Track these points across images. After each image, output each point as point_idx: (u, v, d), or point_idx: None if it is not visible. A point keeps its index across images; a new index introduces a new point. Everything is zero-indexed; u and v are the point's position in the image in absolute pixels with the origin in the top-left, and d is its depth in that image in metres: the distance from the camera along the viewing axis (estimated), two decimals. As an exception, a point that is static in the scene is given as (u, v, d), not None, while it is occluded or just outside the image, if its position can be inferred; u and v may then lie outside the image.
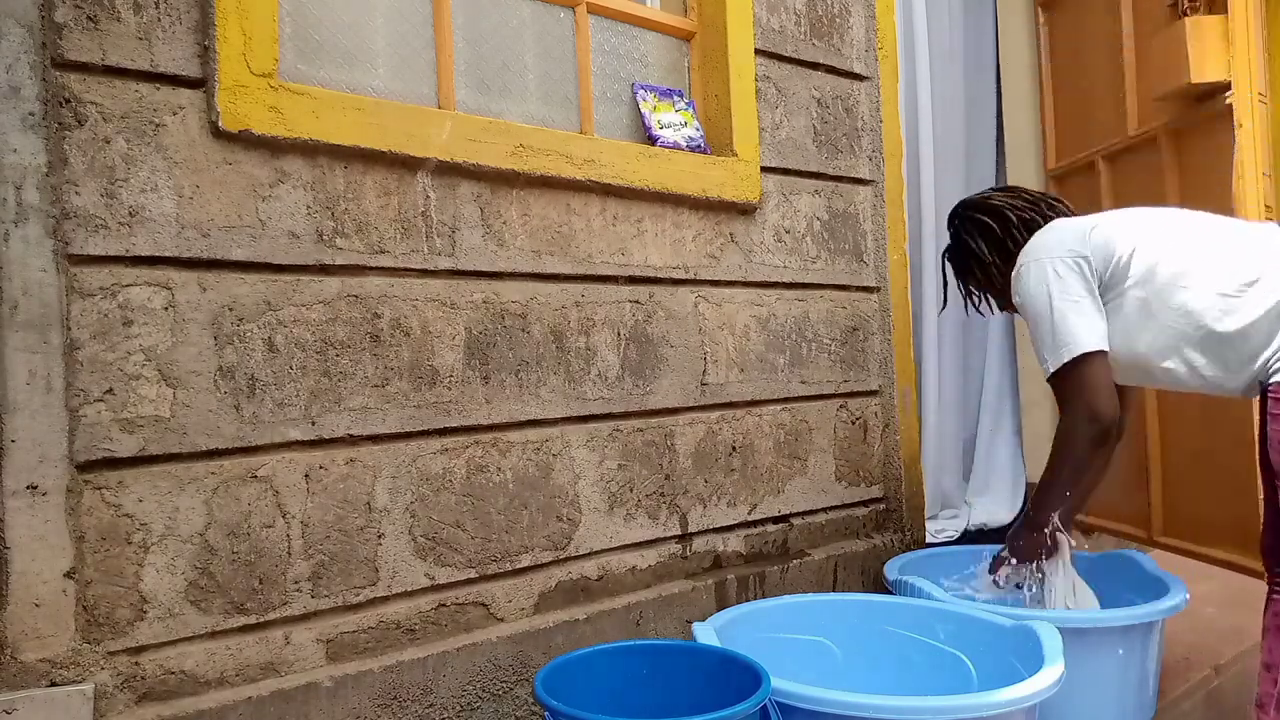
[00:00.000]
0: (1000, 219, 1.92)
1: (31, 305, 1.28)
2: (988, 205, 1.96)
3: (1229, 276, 1.60)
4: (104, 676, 1.33)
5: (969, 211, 1.99)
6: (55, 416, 1.30)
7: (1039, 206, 1.93)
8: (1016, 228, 1.90)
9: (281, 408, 1.50)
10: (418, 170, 1.66)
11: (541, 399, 1.81)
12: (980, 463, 3.14)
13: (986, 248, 1.93)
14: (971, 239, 1.96)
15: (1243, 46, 2.15)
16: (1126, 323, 1.70)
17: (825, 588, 2.24)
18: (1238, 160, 2.17)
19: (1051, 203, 1.95)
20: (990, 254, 1.93)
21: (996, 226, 1.92)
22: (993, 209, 1.94)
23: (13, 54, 1.28)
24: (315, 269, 1.55)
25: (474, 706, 1.66)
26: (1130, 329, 1.70)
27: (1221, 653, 2.34)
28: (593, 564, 1.89)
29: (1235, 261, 1.62)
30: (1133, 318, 1.69)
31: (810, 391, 2.31)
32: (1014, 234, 1.89)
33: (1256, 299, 1.57)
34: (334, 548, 1.55)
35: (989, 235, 1.93)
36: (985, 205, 1.96)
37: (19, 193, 1.28)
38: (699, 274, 2.09)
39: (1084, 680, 1.71)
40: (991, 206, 1.95)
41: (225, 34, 1.43)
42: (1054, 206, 1.94)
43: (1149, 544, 2.57)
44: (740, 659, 1.46)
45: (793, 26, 2.31)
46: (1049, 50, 2.96)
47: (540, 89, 1.99)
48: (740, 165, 2.14)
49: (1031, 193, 2.00)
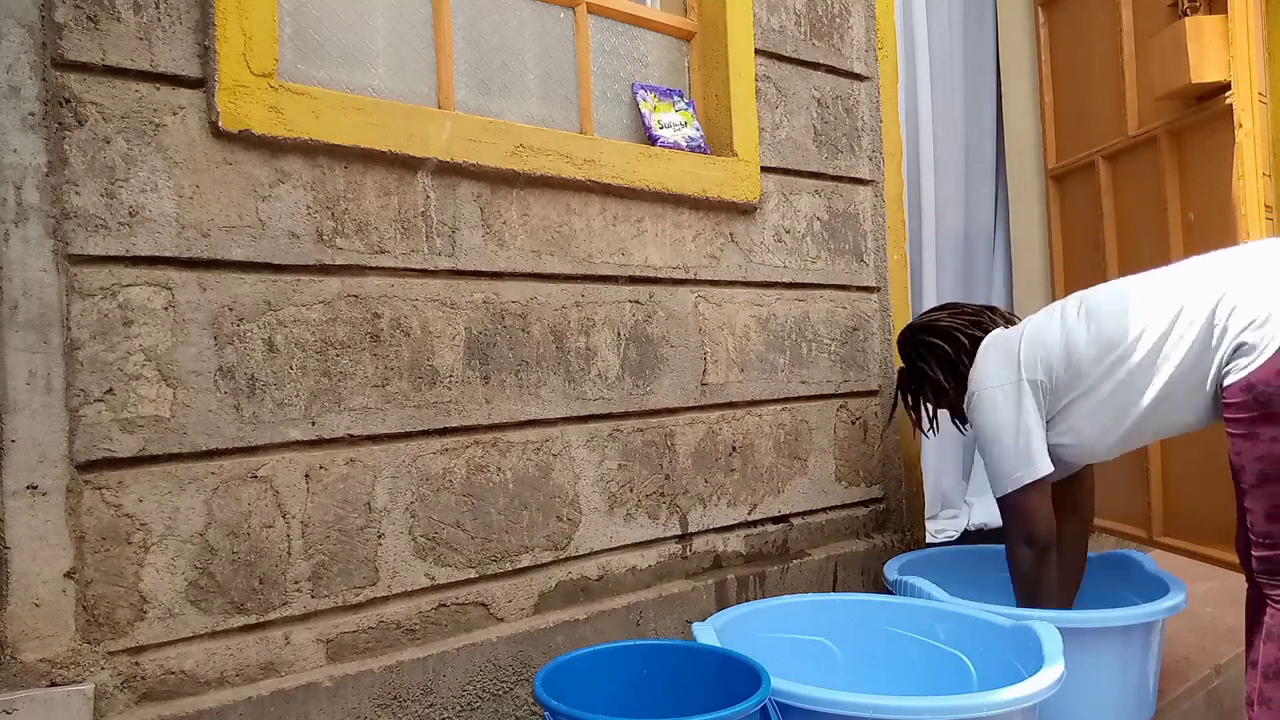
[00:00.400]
0: (950, 340, 2.03)
1: (31, 305, 1.28)
2: (937, 328, 2.06)
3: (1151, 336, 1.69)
4: (104, 676, 1.33)
5: (920, 335, 2.09)
6: (55, 416, 1.30)
7: (981, 320, 2.05)
8: (964, 348, 2.01)
9: (281, 408, 1.50)
10: (418, 170, 1.66)
11: (541, 399, 1.81)
12: (980, 463, 3.14)
13: (941, 373, 2.04)
14: (927, 365, 2.06)
15: (1243, 46, 2.15)
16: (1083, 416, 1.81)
17: (825, 588, 2.24)
18: (1238, 160, 2.17)
19: (990, 314, 2.07)
20: (945, 378, 2.03)
21: (949, 348, 2.03)
22: (941, 330, 2.05)
23: (13, 54, 1.28)
24: (315, 269, 1.55)
25: (474, 706, 1.66)
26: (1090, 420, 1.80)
27: (1221, 653, 2.34)
28: (593, 564, 1.89)
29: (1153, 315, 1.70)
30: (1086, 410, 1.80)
31: (810, 391, 2.31)
32: (963, 355, 2.01)
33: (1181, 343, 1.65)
34: (334, 548, 1.55)
35: (943, 359, 2.03)
36: (933, 328, 2.07)
37: (19, 193, 1.28)
38: (699, 274, 2.09)
39: (1084, 680, 1.71)
40: (940, 329, 2.05)
41: (225, 34, 1.43)
42: (993, 318, 2.06)
43: (1149, 544, 2.57)
44: (740, 659, 1.46)
45: (793, 26, 2.31)
46: (1049, 50, 2.96)
47: (540, 89, 1.99)
48: (740, 165, 2.14)
49: (971, 307, 2.11)
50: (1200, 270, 1.71)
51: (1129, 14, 2.54)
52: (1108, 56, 2.65)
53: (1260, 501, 1.58)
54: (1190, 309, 1.65)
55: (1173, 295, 1.69)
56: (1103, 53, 2.68)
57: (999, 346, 1.93)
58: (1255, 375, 1.54)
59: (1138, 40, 2.51)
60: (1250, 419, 1.56)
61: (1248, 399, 1.55)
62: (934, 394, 2.09)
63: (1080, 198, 2.82)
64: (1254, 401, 1.54)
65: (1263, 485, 1.56)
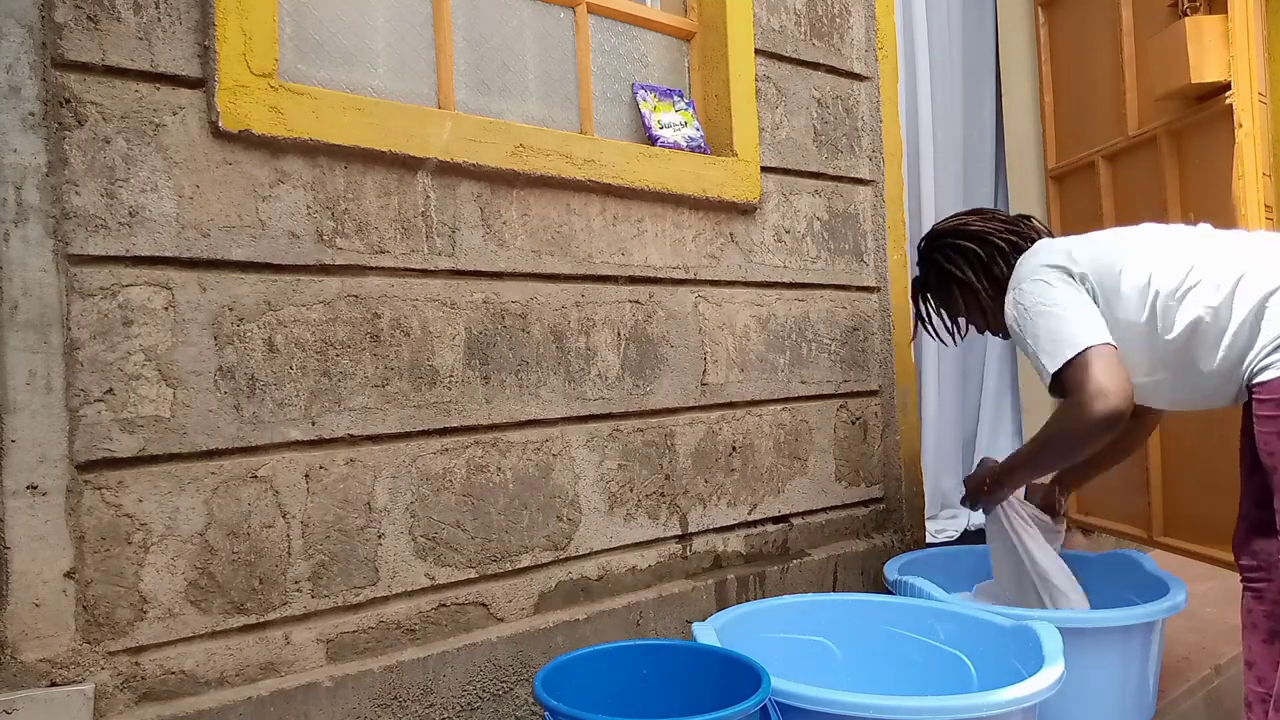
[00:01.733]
0: (984, 243, 1.89)
1: (31, 305, 1.28)
2: (968, 231, 1.92)
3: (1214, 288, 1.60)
4: (104, 676, 1.33)
5: (948, 239, 1.95)
6: (55, 416, 1.30)
7: (1018, 227, 1.93)
8: (1000, 251, 1.88)
9: (281, 408, 1.50)
10: (418, 170, 1.66)
11: (541, 399, 1.81)
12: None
13: (974, 275, 1.89)
14: (956, 267, 1.91)
15: (1243, 46, 2.15)
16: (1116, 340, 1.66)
17: (825, 588, 2.24)
18: (1238, 160, 2.17)
19: (1028, 221, 1.96)
20: (979, 280, 1.89)
21: (982, 252, 1.89)
22: (974, 234, 1.91)
23: (13, 54, 1.28)
24: (315, 269, 1.55)
25: (474, 706, 1.66)
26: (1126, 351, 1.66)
27: (1221, 653, 2.34)
28: (593, 564, 1.89)
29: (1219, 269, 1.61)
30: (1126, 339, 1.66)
31: (810, 391, 2.31)
32: (998, 258, 1.88)
33: (1240, 304, 1.57)
34: (334, 548, 1.55)
35: (974, 261, 1.90)
36: (965, 231, 1.93)
37: (19, 193, 1.28)
38: (699, 274, 2.09)
39: (1084, 680, 1.71)
40: (972, 232, 1.91)
41: (225, 34, 1.43)
42: (1032, 227, 1.94)
43: (1149, 544, 2.57)
44: (740, 659, 1.46)
45: (793, 26, 2.31)
46: (1049, 50, 2.96)
47: (540, 89, 1.99)
48: (740, 165, 2.14)
49: (1006, 214, 1.98)
50: (1266, 247, 1.64)
51: (1129, 14, 2.54)
52: (1108, 56, 2.65)
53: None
54: (1251, 281, 1.57)
55: (1239, 261, 1.60)
56: (1103, 53, 2.68)
57: (1050, 246, 1.80)
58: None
59: (1138, 40, 2.51)
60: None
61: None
62: (964, 297, 1.93)
63: (1080, 198, 2.82)
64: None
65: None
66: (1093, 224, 2.73)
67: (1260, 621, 1.65)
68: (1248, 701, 1.66)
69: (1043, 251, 1.80)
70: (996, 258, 1.88)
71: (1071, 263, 1.72)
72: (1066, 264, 1.72)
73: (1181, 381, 1.69)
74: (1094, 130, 2.74)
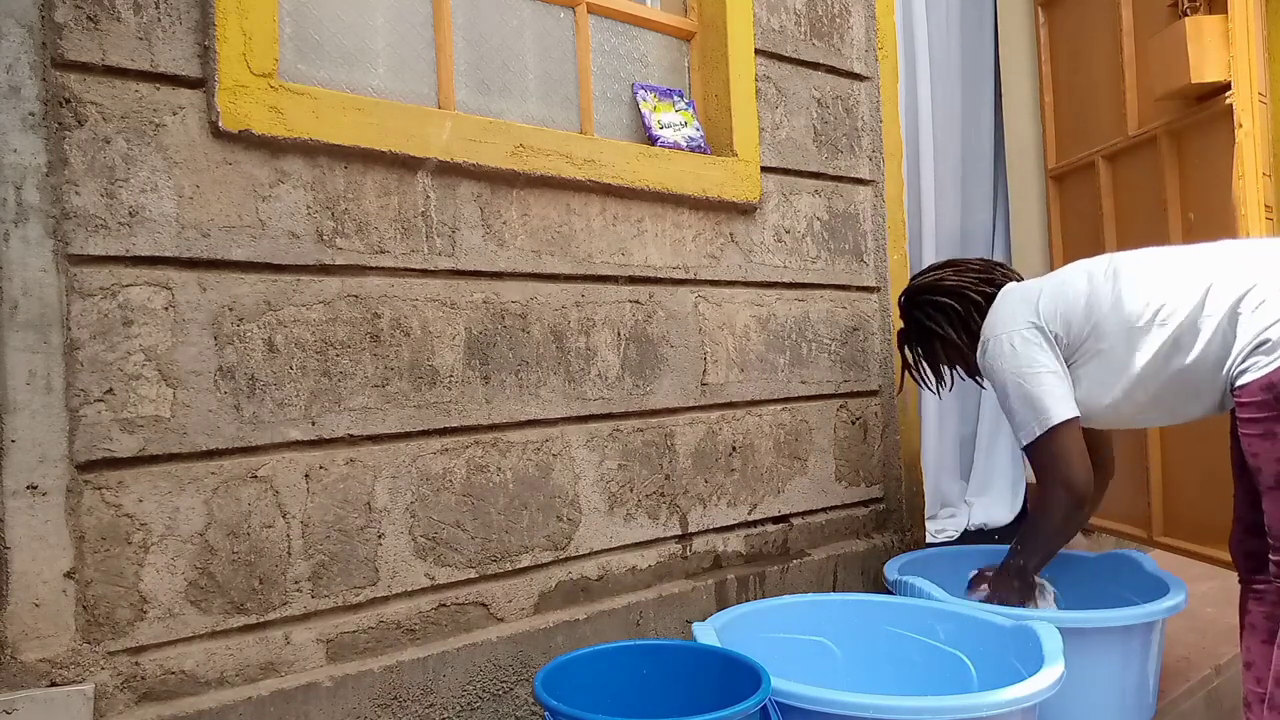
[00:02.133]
0: (960, 298, 1.97)
1: (31, 305, 1.28)
2: (944, 287, 2.00)
3: (1186, 301, 1.64)
4: (104, 676, 1.33)
5: (925, 295, 2.03)
6: (55, 416, 1.30)
7: (991, 274, 2.00)
8: (975, 305, 1.96)
9: (281, 408, 1.50)
10: (418, 170, 1.66)
11: (541, 399, 1.81)
12: (980, 463, 3.14)
13: (953, 330, 1.98)
14: (937, 325, 2.00)
15: (1243, 46, 2.15)
16: (1095, 378, 1.76)
17: (825, 588, 2.24)
18: (1238, 160, 2.17)
19: (1001, 270, 2.02)
20: (958, 335, 1.98)
21: (959, 307, 1.97)
22: (950, 289, 1.99)
23: (13, 54, 1.28)
24: (315, 269, 1.55)
25: (474, 706, 1.66)
26: (1100, 383, 1.75)
27: (1221, 653, 2.34)
28: (593, 564, 1.89)
29: (1186, 285, 1.65)
30: (1098, 373, 1.75)
31: (810, 391, 2.31)
32: (974, 312, 1.96)
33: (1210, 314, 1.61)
34: (334, 548, 1.55)
35: (954, 317, 1.98)
36: (941, 287, 2.00)
37: (19, 193, 1.28)
38: (699, 274, 2.09)
39: (1084, 680, 1.71)
40: (948, 288, 1.99)
41: (225, 34, 1.43)
42: (1004, 273, 2.01)
43: (1149, 544, 2.57)
44: (740, 659, 1.46)
45: (793, 26, 2.31)
46: (1049, 50, 2.96)
47: (540, 89, 1.99)
48: (740, 165, 2.14)
49: (976, 263, 2.05)
50: (1234, 254, 1.67)
51: (1129, 14, 2.54)
52: (1108, 56, 2.65)
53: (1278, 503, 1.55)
54: (1218, 294, 1.60)
55: (1202, 276, 1.64)
56: (1103, 53, 2.68)
57: (1017, 295, 1.87)
58: (1277, 374, 1.51)
59: (1138, 40, 2.51)
60: (1269, 418, 1.53)
61: (1268, 398, 1.52)
62: (946, 351, 2.03)
63: (1080, 198, 2.83)
64: (1275, 400, 1.51)
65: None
66: (1093, 224, 2.74)
67: (1259, 622, 1.65)
68: (1246, 701, 1.66)
69: (1009, 304, 1.87)
70: (972, 312, 1.96)
71: (1037, 317, 1.79)
72: (1034, 319, 1.79)
73: (1170, 397, 1.72)
74: (1094, 130, 2.74)
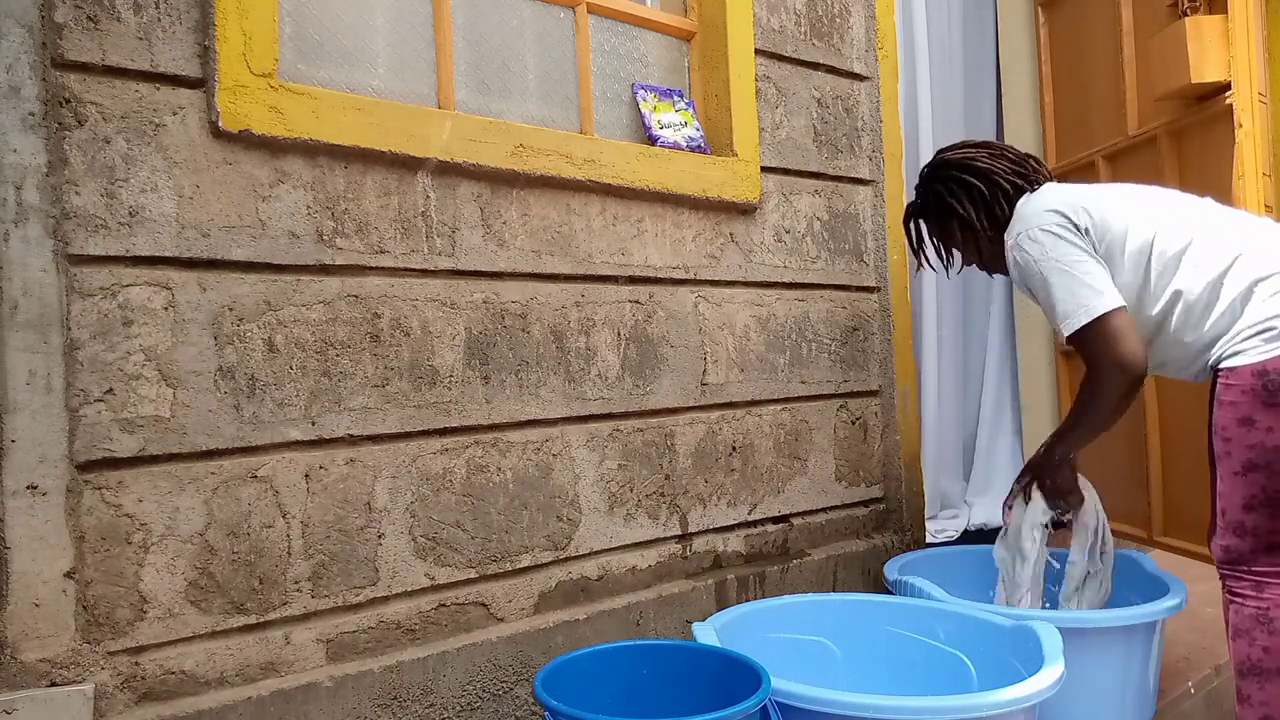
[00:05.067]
0: (988, 182, 1.86)
1: (31, 305, 1.28)
2: (974, 167, 1.88)
3: (1213, 262, 1.61)
4: (104, 676, 1.33)
5: (953, 171, 1.91)
6: (55, 416, 1.30)
7: (1024, 167, 1.89)
8: (1004, 192, 1.85)
9: (281, 408, 1.50)
10: (418, 170, 1.66)
11: (541, 399, 1.81)
12: (980, 463, 3.14)
13: (975, 212, 1.87)
14: (958, 202, 1.88)
15: (1243, 46, 2.15)
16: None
17: (825, 588, 2.24)
18: (1238, 160, 2.17)
19: (1036, 165, 1.91)
20: (979, 219, 1.87)
21: (986, 190, 1.86)
22: (980, 171, 1.87)
23: (13, 54, 1.28)
24: (315, 269, 1.55)
25: (474, 706, 1.66)
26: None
27: (1221, 653, 2.33)
28: (593, 564, 1.89)
29: (1218, 244, 1.62)
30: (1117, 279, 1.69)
31: (810, 391, 2.31)
32: (1001, 199, 1.85)
33: (1230, 284, 1.58)
34: (334, 548, 1.55)
35: (978, 199, 1.87)
36: (971, 166, 1.88)
37: (19, 193, 1.28)
38: (699, 274, 2.09)
39: (1084, 680, 1.71)
40: (979, 169, 1.87)
41: (225, 34, 1.43)
42: (1039, 170, 1.91)
43: (1149, 544, 2.57)
44: (740, 659, 1.46)
45: (793, 26, 2.31)
46: (1049, 50, 2.96)
47: (540, 89, 1.99)
48: (740, 165, 2.14)
49: (1015, 152, 1.93)
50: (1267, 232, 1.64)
51: (1129, 14, 2.54)
52: (1108, 56, 2.65)
53: (1239, 489, 1.55)
54: (1245, 263, 1.58)
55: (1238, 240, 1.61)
56: (1103, 53, 2.68)
57: (1057, 194, 1.79)
58: (1273, 362, 1.50)
59: (1138, 40, 2.51)
60: (1250, 403, 1.52)
61: (1257, 384, 1.51)
62: (962, 232, 1.91)
63: (1080, 198, 2.82)
64: (1263, 388, 1.51)
65: (1247, 474, 1.54)
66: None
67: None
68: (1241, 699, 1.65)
69: (1049, 197, 1.78)
70: (1000, 198, 1.85)
71: (1077, 215, 1.71)
72: (1073, 216, 1.71)
73: (1155, 347, 1.69)
74: (1094, 130, 2.74)
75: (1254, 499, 1.54)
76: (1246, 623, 1.56)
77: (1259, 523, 1.55)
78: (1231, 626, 1.59)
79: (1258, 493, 1.53)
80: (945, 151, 1.98)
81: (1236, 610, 1.58)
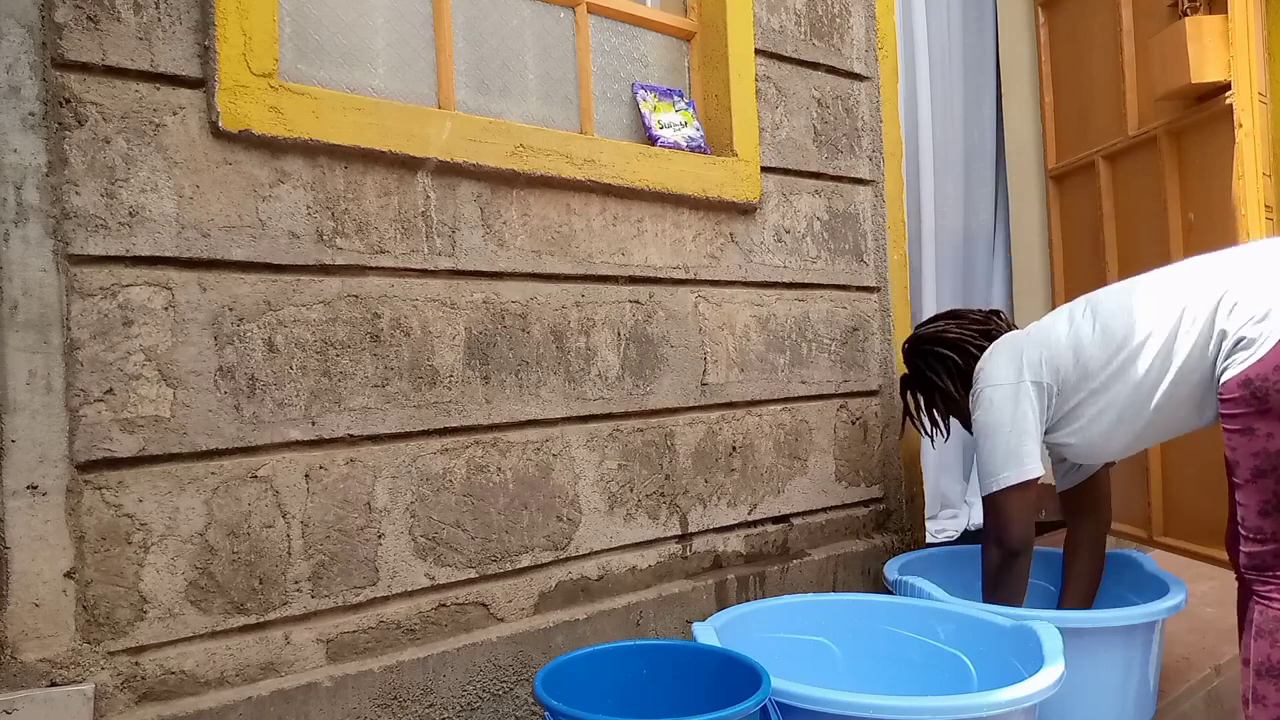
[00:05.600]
0: (961, 351, 2.03)
1: (31, 305, 1.28)
2: (946, 339, 2.06)
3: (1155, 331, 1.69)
4: (104, 676, 1.33)
5: (927, 346, 2.09)
6: (55, 416, 1.30)
7: (988, 325, 2.06)
8: (973, 358, 2.00)
9: (281, 408, 1.50)
10: (418, 170, 1.66)
11: (541, 399, 1.81)
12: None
13: (951, 382, 2.04)
14: (937, 375, 2.06)
15: (1243, 46, 2.16)
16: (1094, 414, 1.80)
17: (825, 588, 2.24)
18: (1238, 160, 2.17)
19: (998, 321, 2.08)
20: (955, 389, 2.04)
21: (958, 359, 2.02)
22: (951, 342, 2.05)
23: (13, 54, 1.28)
24: (315, 269, 1.55)
25: (474, 706, 1.66)
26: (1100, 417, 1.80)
27: (1221, 653, 2.34)
28: (593, 564, 1.89)
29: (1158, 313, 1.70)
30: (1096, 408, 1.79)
31: (810, 391, 2.31)
32: (972, 365, 2.00)
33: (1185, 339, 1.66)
34: (334, 548, 1.55)
35: (953, 369, 2.04)
36: (944, 339, 2.06)
37: (19, 193, 1.28)
38: (699, 274, 2.09)
39: (1084, 680, 1.71)
40: (950, 340, 2.05)
41: (225, 34, 1.43)
42: (999, 325, 2.06)
43: (1149, 544, 2.57)
44: (740, 659, 1.46)
45: (793, 26, 2.31)
46: (1049, 50, 2.96)
47: (540, 89, 1.99)
48: (740, 165, 2.14)
49: (975, 315, 2.10)
50: (1203, 269, 1.72)
51: (1129, 14, 2.54)
52: (1108, 57, 2.65)
53: (1253, 496, 1.58)
54: (1193, 307, 1.65)
55: (1177, 294, 1.69)
56: (1103, 53, 2.68)
57: (1006, 347, 1.93)
58: (1253, 369, 1.54)
59: (1138, 40, 2.51)
60: (1246, 414, 1.56)
61: (1245, 394, 1.55)
62: (944, 403, 2.10)
63: (1080, 198, 2.83)
64: (1251, 396, 1.54)
65: (1256, 480, 1.57)
66: (1093, 224, 2.74)
67: None
68: (1245, 698, 1.66)
69: (997, 357, 1.92)
70: (971, 365, 2.01)
71: (1024, 368, 1.85)
72: (1018, 375, 1.86)
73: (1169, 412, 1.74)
74: (1094, 130, 2.74)
75: (1268, 504, 1.57)
76: (1271, 624, 1.58)
77: (1277, 527, 1.57)
78: (1255, 626, 1.60)
79: (1270, 497, 1.56)
80: (918, 328, 2.17)
81: (1262, 612, 1.59)
